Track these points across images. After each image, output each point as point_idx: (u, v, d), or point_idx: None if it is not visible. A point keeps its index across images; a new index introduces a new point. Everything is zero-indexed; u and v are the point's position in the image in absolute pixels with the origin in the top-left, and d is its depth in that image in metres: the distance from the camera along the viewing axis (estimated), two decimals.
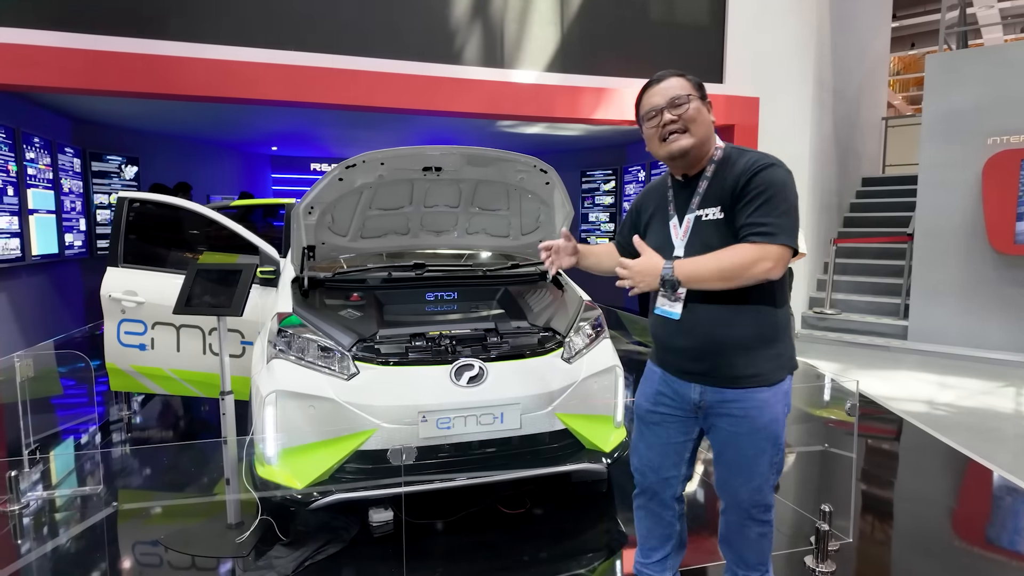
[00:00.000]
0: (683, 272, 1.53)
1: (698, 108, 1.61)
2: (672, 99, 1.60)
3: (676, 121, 1.60)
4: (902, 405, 4.48)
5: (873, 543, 2.63)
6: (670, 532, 1.81)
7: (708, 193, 1.61)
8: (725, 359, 1.59)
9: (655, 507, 1.80)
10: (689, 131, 1.60)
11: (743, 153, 1.61)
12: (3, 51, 4.52)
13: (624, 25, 6.31)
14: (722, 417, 1.63)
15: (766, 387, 1.60)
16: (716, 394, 1.62)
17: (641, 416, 1.80)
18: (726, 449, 1.65)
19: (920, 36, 14.86)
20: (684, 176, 1.68)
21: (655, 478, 1.77)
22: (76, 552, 2.46)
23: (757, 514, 1.67)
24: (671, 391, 1.72)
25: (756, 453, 1.61)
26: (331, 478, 2.33)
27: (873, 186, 8.92)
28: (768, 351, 1.60)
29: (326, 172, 2.66)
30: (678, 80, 1.63)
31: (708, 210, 1.59)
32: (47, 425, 3.77)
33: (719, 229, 1.57)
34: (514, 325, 2.76)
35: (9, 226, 5.58)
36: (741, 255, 1.48)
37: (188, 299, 2.49)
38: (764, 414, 1.60)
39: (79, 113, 6.80)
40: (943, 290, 6.17)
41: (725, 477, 1.68)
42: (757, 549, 1.71)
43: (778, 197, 1.49)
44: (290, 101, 5.38)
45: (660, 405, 1.74)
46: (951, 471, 3.48)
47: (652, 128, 1.65)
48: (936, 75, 6.28)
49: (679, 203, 1.68)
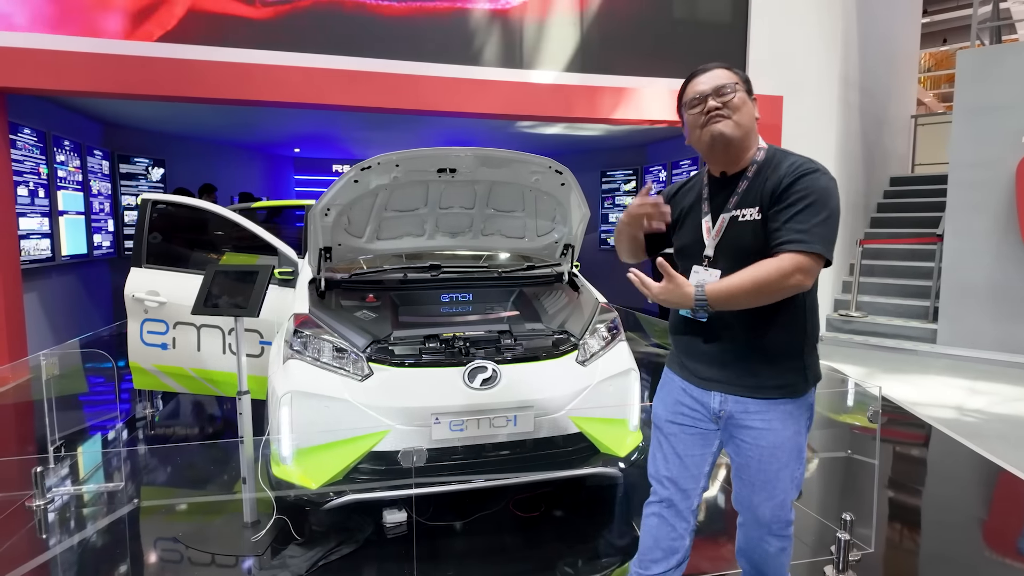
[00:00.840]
0: (716, 297, 1.44)
1: (743, 99, 1.55)
2: (718, 87, 1.54)
3: (720, 109, 1.54)
4: (930, 411, 4.35)
5: (897, 554, 2.56)
6: (677, 546, 1.72)
7: (747, 193, 1.55)
8: (750, 367, 1.54)
9: (669, 516, 1.72)
10: (733, 119, 1.53)
11: (787, 156, 1.55)
12: (35, 56, 4.64)
13: (644, 24, 6.24)
14: (743, 429, 1.58)
15: (790, 399, 1.55)
16: (738, 404, 1.57)
17: (659, 426, 1.74)
18: (747, 463, 1.59)
19: (952, 32, 14.50)
20: (723, 174, 1.61)
21: (673, 488, 1.69)
22: (99, 547, 2.51)
23: (778, 530, 1.62)
24: (691, 400, 1.66)
25: (778, 468, 1.56)
26: (345, 479, 2.34)
27: (901, 186, 8.71)
28: (795, 362, 1.55)
29: (342, 174, 2.68)
30: (725, 71, 1.58)
31: (746, 210, 1.53)
32: (72, 422, 3.86)
33: (755, 230, 1.50)
34: (528, 327, 2.75)
35: (40, 227, 5.73)
36: (774, 269, 1.40)
37: (206, 299, 2.52)
38: (788, 427, 1.55)
39: (108, 116, 6.96)
40: (974, 292, 5.99)
41: (746, 493, 1.63)
42: (776, 563, 1.67)
43: (819, 204, 1.43)
44: (312, 103, 5.43)
45: (679, 416, 1.68)
46: (981, 480, 3.37)
47: (695, 115, 1.57)
48: (968, 72, 6.10)
49: (715, 202, 1.61)
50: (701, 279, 1.56)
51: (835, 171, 7.26)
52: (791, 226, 1.43)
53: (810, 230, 1.41)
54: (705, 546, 2.48)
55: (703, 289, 1.45)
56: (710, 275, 1.56)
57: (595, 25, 6.09)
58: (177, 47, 4.96)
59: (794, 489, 1.60)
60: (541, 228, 3.28)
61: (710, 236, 1.59)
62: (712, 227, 1.59)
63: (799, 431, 1.57)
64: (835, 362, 5.77)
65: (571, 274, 3.30)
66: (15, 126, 5.27)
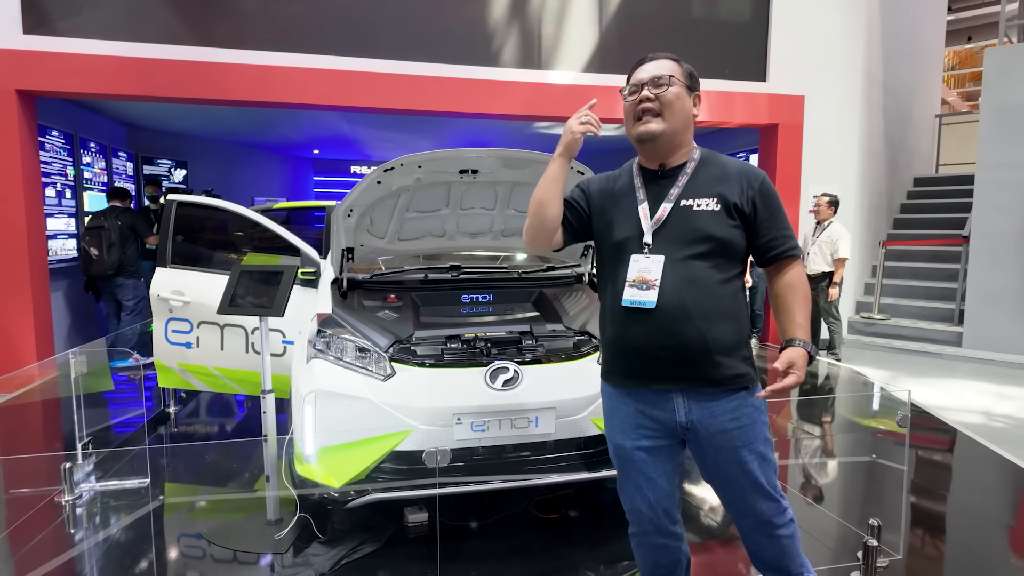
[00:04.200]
0: (805, 336, 1.54)
1: (678, 94, 1.57)
2: (655, 77, 1.56)
3: (652, 101, 1.56)
4: (956, 416, 4.27)
5: (924, 560, 2.51)
6: (676, 557, 1.69)
7: (695, 186, 1.58)
8: (711, 357, 1.51)
9: (658, 540, 1.66)
10: (663, 116, 1.56)
11: (721, 155, 1.64)
12: (63, 61, 4.73)
13: (663, 23, 6.21)
14: (714, 435, 1.54)
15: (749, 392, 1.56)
16: (702, 409, 1.53)
17: (625, 457, 1.62)
18: (728, 469, 1.56)
19: (977, 29, 14.24)
20: (661, 166, 1.62)
21: (652, 514, 1.63)
22: (124, 542, 2.55)
23: (779, 520, 1.59)
24: (650, 422, 1.58)
25: (760, 461, 1.55)
26: (367, 478, 2.35)
27: (926, 186, 8.57)
28: (745, 351, 1.58)
29: (365, 175, 2.70)
30: (669, 63, 1.59)
31: (699, 200, 1.56)
32: (100, 419, 3.93)
33: (713, 219, 1.54)
34: (549, 328, 2.74)
35: (67, 228, 5.85)
36: (802, 280, 1.60)
37: (232, 299, 2.55)
38: (754, 419, 1.55)
39: (132, 119, 7.08)
40: (1001, 295, 5.87)
41: (738, 500, 1.59)
42: (791, 551, 1.63)
43: (782, 209, 1.61)
44: (332, 105, 5.48)
45: (643, 439, 1.59)
46: (1009, 485, 3.30)
47: (630, 104, 1.61)
48: (995, 70, 5.99)
49: (652, 191, 1.62)
50: (643, 267, 1.55)
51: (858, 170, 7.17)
52: (784, 234, 1.59)
53: (791, 235, 1.61)
54: (714, 551, 2.46)
55: (800, 342, 1.52)
56: (652, 261, 1.54)
57: (613, 25, 6.06)
58: (199, 50, 5.02)
59: (775, 471, 1.60)
60: None
61: (648, 223, 1.58)
62: (651, 215, 1.59)
63: (764, 420, 1.58)
64: (858, 365, 5.69)
65: (591, 275, 3.29)
66: (44, 128, 5.38)
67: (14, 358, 4.80)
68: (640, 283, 1.54)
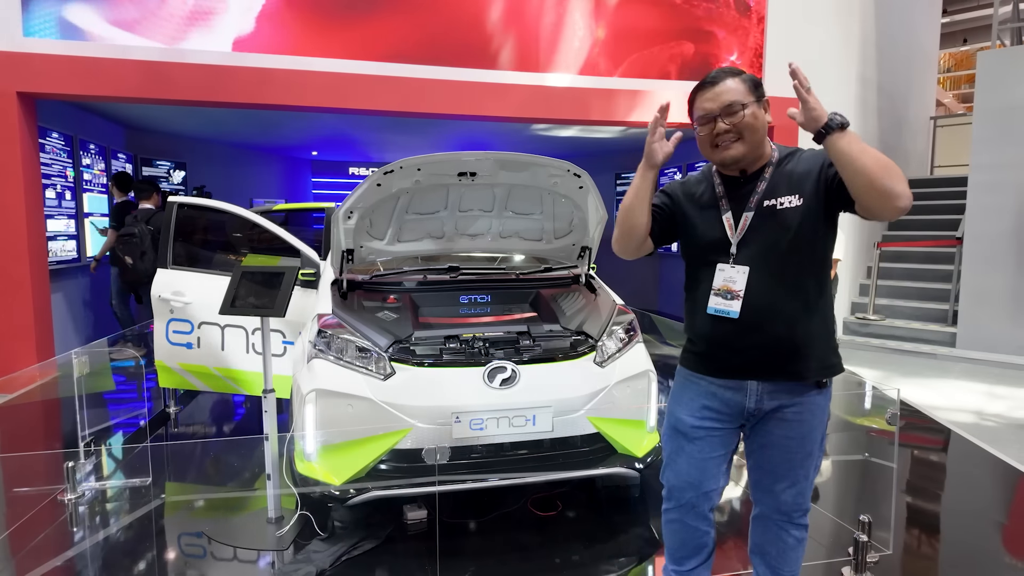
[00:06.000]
0: (851, 135, 1.40)
1: (754, 114, 1.55)
2: (726, 106, 1.54)
3: (730, 131, 1.55)
4: (949, 415, 4.32)
5: (915, 556, 2.56)
6: (704, 541, 1.75)
7: (775, 185, 1.58)
8: (797, 351, 1.56)
9: (691, 520, 1.71)
10: (743, 138, 1.56)
11: (795, 148, 1.64)
12: (62, 62, 4.76)
13: (660, 26, 6.25)
14: (775, 422, 1.61)
15: (820, 391, 1.60)
16: (772, 399, 1.60)
17: (684, 432, 1.69)
18: (773, 453, 1.63)
19: (972, 31, 14.32)
20: (743, 172, 1.63)
21: (694, 494, 1.68)
22: (126, 540, 2.58)
23: (797, 518, 1.66)
24: (719, 403, 1.65)
25: (804, 457, 1.62)
26: (367, 476, 2.39)
27: (920, 188, 8.61)
28: (832, 344, 1.61)
29: (365, 178, 2.73)
30: (734, 82, 1.55)
31: (783, 199, 1.56)
32: (101, 419, 3.96)
33: (799, 214, 1.54)
34: (547, 328, 2.78)
35: (67, 229, 5.87)
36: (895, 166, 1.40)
37: (233, 300, 2.58)
38: (817, 417, 1.60)
39: (131, 120, 7.10)
40: (995, 296, 5.93)
41: (768, 481, 1.66)
42: (792, 557, 1.69)
43: None
44: (331, 107, 5.51)
45: (706, 420, 1.66)
46: (1001, 484, 3.35)
47: (704, 134, 1.60)
48: (989, 72, 6.05)
49: (734, 199, 1.62)
50: (728, 276, 1.58)
51: None
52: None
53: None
54: (720, 548, 2.50)
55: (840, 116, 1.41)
56: (737, 272, 1.58)
57: (611, 27, 6.10)
58: (199, 52, 5.05)
59: (814, 477, 1.66)
60: (559, 231, 3.31)
61: (733, 233, 1.61)
62: (735, 224, 1.61)
63: (824, 421, 1.63)
64: (852, 365, 5.73)
65: (588, 276, 3.33)
66: (44, 130, 5.40)
67: (14, 359, 4.82)
68: (724, 292, 1.58)
